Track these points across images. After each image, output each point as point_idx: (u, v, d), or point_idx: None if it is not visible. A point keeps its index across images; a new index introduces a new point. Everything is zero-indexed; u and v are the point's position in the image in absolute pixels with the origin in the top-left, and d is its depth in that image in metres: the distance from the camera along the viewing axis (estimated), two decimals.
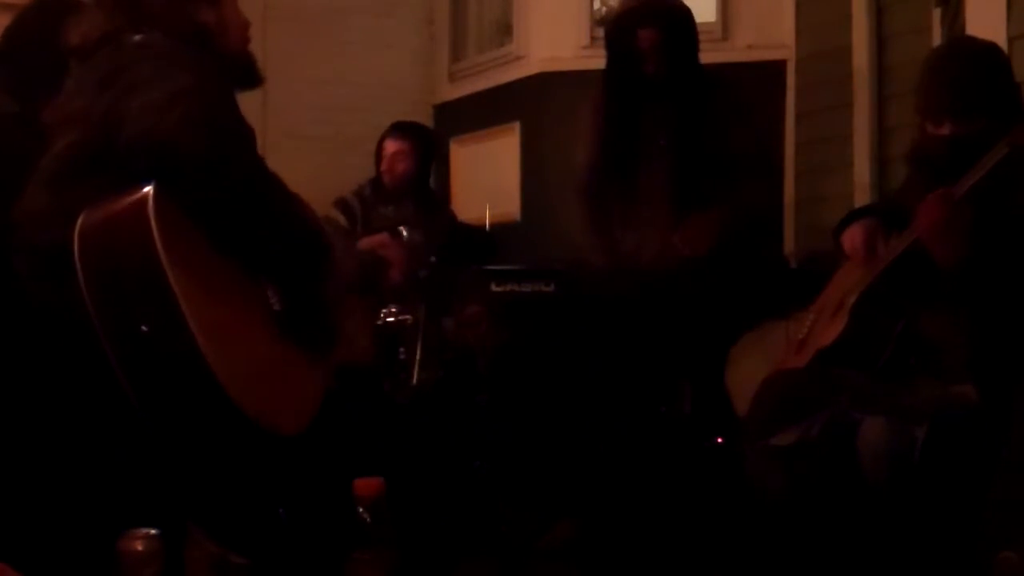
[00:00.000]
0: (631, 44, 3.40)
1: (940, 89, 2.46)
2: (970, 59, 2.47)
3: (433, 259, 3.62)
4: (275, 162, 1.96)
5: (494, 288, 3.23)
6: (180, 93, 1.73)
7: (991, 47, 2.54)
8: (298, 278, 1.92)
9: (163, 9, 1.96)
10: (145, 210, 1.69)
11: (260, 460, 1.79)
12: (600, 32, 4.30)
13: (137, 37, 1.91)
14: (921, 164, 2.55)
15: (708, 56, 3.54)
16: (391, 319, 3.54)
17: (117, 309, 1.67)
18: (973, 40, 2.66)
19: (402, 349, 3.51)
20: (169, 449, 1.73)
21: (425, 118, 5.41)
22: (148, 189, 1.71)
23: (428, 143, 4.29)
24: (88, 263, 1.68)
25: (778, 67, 4.54)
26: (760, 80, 4.52)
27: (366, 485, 1.61)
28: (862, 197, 3.94)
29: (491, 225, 4.13)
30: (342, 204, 4.11)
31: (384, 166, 4.15)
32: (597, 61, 3.80)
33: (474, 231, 4.28)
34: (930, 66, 2.52)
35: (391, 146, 4.17)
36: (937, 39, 3.67)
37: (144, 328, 1.65)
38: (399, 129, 4.23)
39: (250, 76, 2.11)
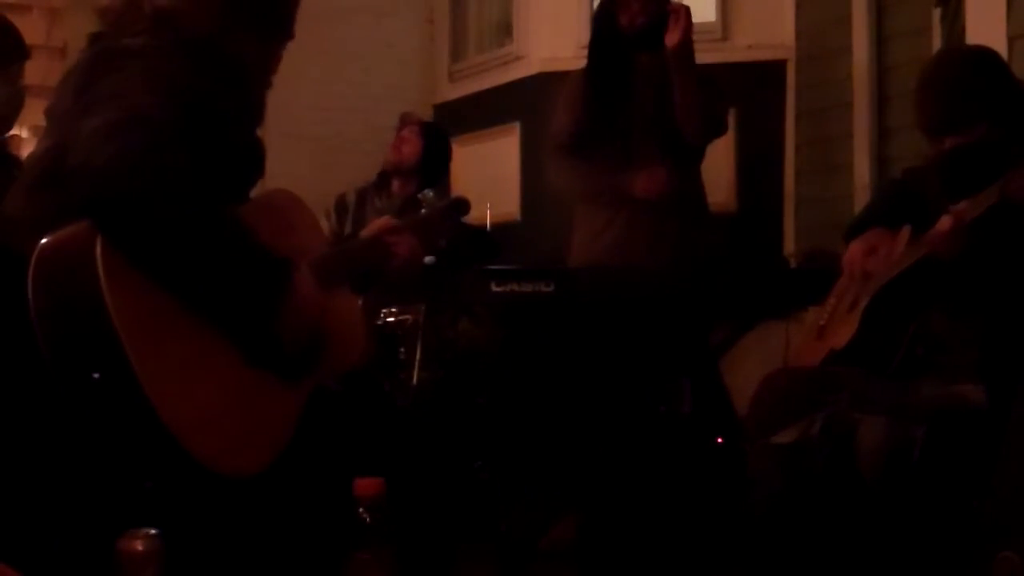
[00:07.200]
0: (612, 7, 3.44)
1: (930, 108, 2.48)
2: (955, 71, 2.48)
3: (432, 259, 3.62)
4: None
5: (494, 288, 3.22)
6: (125, 122, 1.66)
7: (979, 52, 2.54)
8: (239, 321, 1.78)
9: (196, 22, 1.90)
10: (92, 246, 1.63)
11: (218, 498, 1.74)
12: None
13: (128, 41, 1.85)
14: (937, 176, 2.53)
15: (708, 56, 3.54)
16: (391, 319, 3.54)
17: (66, 350, 1.63)
18: (960, 50, 2.66)
19: (402, 349, 3.51)
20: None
21: (425, 118, 5.41)
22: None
23: (438, 137, 4.29)
24: (38, 297, 1.64)
25: (778, 67, 4.54)
26: (760, 80, 4.53)
27: (366, 485, 1.61)
28: (862, 197, 3.94)
29: (491, 225, 4.13)
30: (339, 200, 4.11)
31: (391, 149, 4.14)
32: None
33: (474, 231, 4.27)
34: (920, 83, 2.52)
35: (401, 131, 4.18)
36: (937, 39, 3.67)
37: (94, 375, 1.61)
38: (412, 119, 4.27)
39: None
